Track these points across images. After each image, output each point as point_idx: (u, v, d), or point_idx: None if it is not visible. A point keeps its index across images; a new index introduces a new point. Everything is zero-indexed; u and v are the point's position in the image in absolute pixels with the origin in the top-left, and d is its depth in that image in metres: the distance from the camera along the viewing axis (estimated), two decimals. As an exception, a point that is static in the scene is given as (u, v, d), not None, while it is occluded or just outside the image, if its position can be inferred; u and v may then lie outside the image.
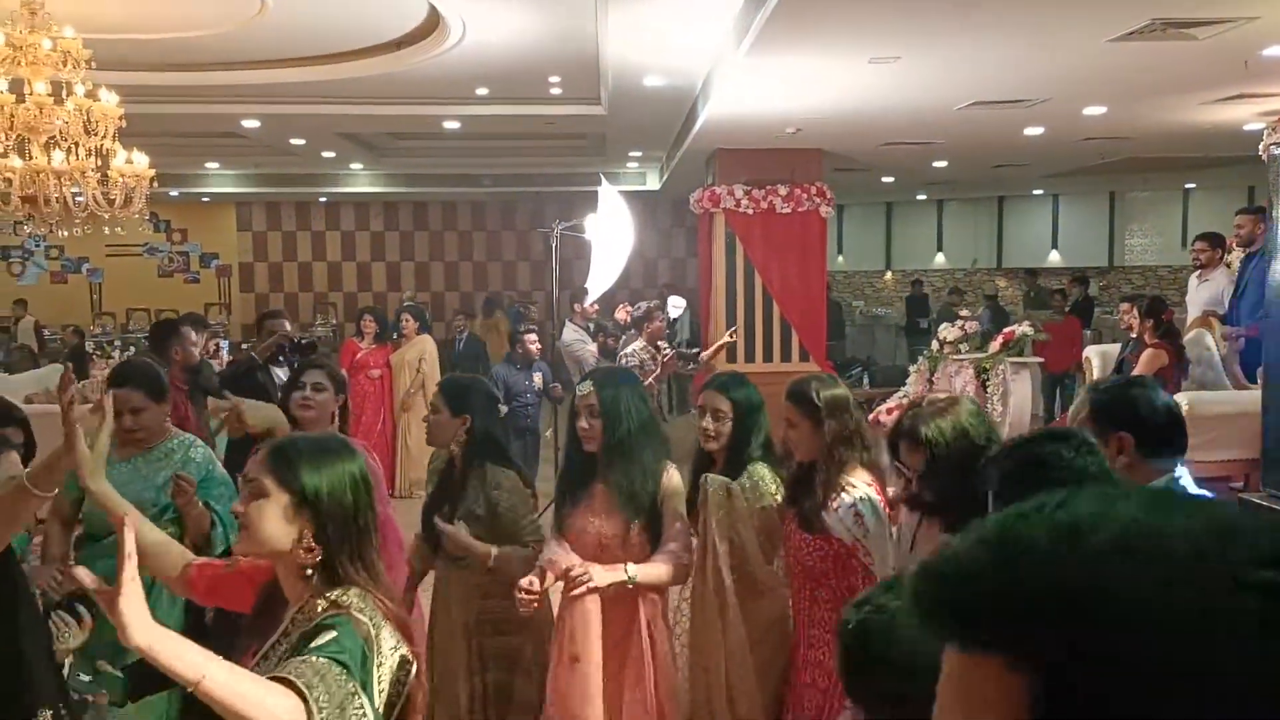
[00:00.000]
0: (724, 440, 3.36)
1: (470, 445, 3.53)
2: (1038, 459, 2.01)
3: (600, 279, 6.87)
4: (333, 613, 1.80)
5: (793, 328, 9.85)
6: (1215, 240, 7.69)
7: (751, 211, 9.70)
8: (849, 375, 10.72)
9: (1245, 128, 8.44)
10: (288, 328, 6.53)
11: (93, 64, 5.98)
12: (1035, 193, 16.50)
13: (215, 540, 3.24)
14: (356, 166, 14.80)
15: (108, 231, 6.96)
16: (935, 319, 13.56)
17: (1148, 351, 6.72)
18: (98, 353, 11.75)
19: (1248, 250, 7.22)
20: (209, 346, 7.33)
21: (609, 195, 6.71)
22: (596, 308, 9.26)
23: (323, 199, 17.53)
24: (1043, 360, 8.31)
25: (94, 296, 17.87)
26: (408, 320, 9.32)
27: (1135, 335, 7.05)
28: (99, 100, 6.10)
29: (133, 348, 11.27)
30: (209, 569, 2.34)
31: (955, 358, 7.90)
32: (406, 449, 9.11)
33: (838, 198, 10.23)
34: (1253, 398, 6.25)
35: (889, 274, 18.53)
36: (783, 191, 9.68)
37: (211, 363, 6.80)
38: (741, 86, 6.87)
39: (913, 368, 8.67)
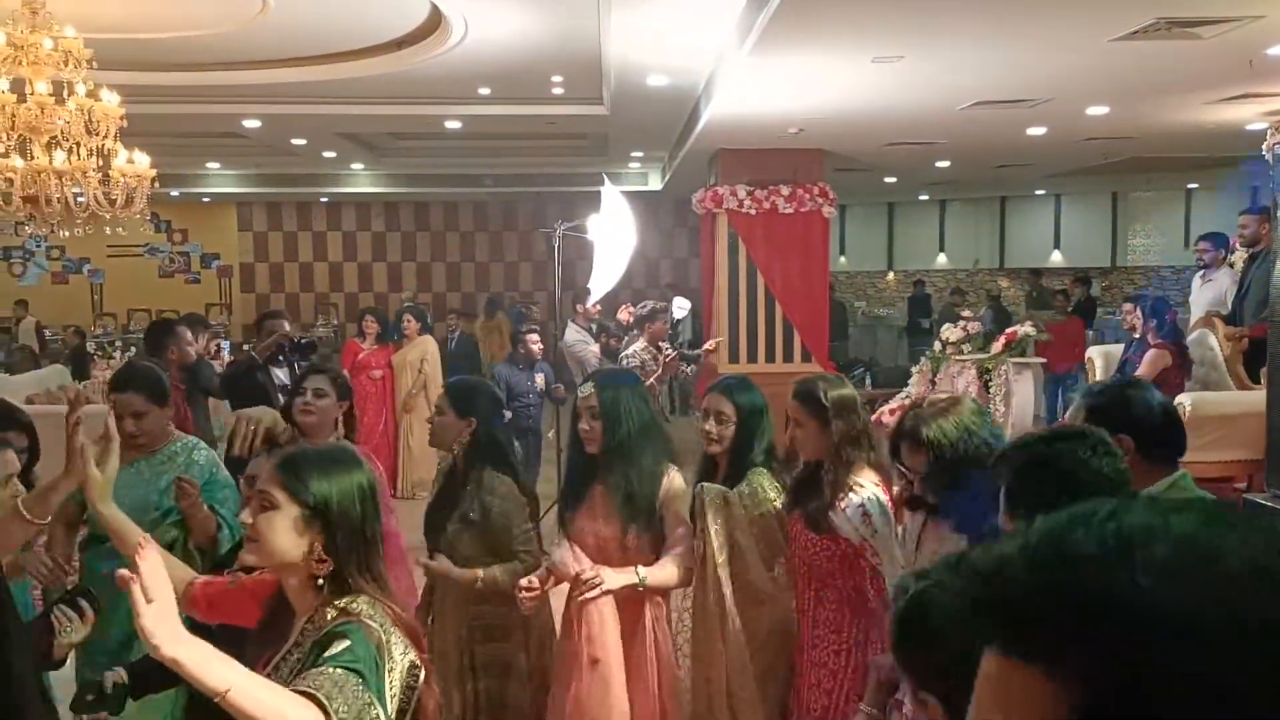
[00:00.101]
0: (726, 444, 3.33)
1: (472, 448, 3.51)
2: (1051, 458, 1.97)
3: (603, 279, 6.84)
4: (343, 620, 1.81)
5: (795, 328, 9.84)
6: (1219, 240, 7.69)
7: (754, 212, 9.69)
8: (851, 376, 10.69)
9: (1248, 127, 8.43)
10: (287, 328, 6.52)
11: (94, 64, 5.97)
12: (1038, 193, 16.47)
13: (221, 542, 3.22)
14: (358, 166, 14.79)
15: (109, 232, 6.95)
16: (937, 319, 13.54)
17: (1151, 352, 6.72)
18: (99, 353, 11.76)
19: (1252, 250, 7.21)
20: (210, 347, 7.32)
21: (611, 195, 6.68)
22: (599, 308, 9.24)
23: (324, 199, 17.52)
24: (1045, 361, 8.30)
25: (95, 297, 17.86)
26: (409, 321, 9.32)
27: (1138, 335, 7.04)
28: (100, 100, 6.08)
29: (133, 348, 11.27)
30: (211, 587, 2.33)
31: (957, 358, 7.89)
32: (408, 450, 9.10)
33: (840, 198, 10.21)
34: (1256, 398, 6.24)
35: (891, 274, 18.51)
36: (785, 192, 9.67)
37: (212, 363, 6.79)
38: (744, 86, 6.86)
39: (915, 368, 8.66)
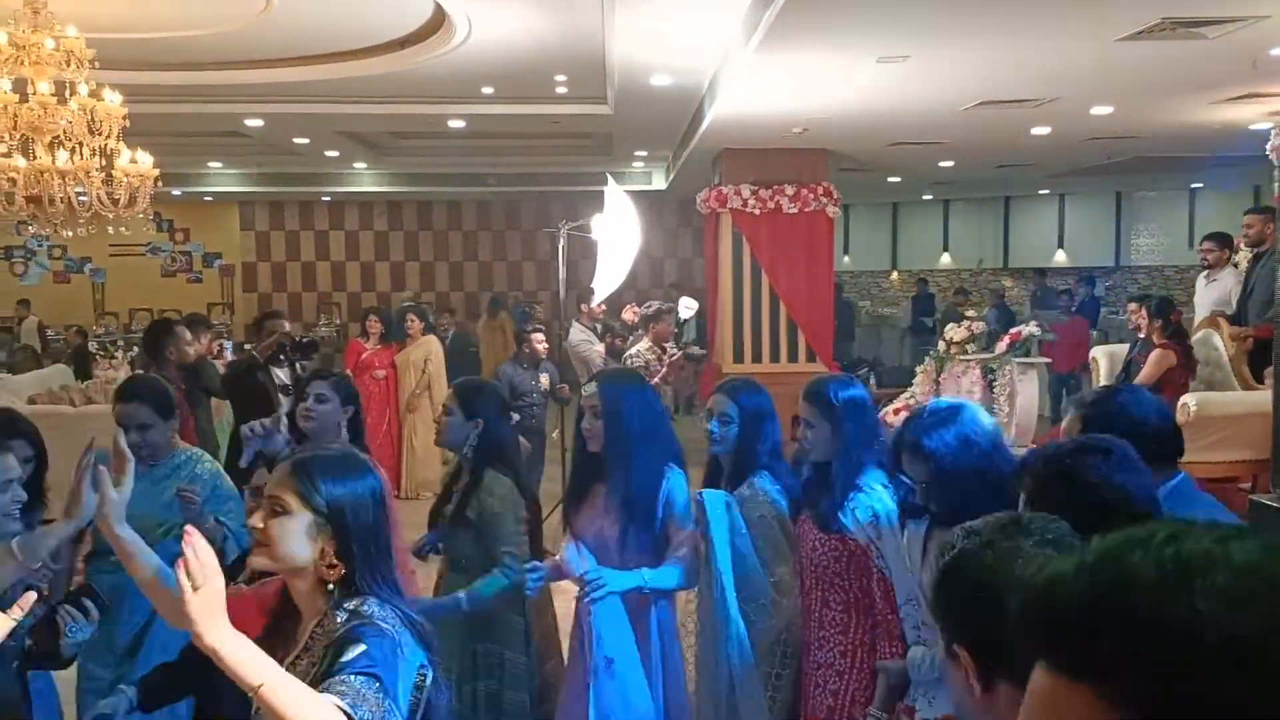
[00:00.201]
0: (729, 445, 3.31)
1: (478, 449, 3.51)
2: (1076, 471, 1.91)
3: (607, 279, 6.82)
4: (355, 623, 1.81)
5: (799, 328, 9.82)
6: (1223, 240, 7.68)
7: (758, 211, 9.68)
8: (855, 376, 10.69)
9: (1252, 127, 8.42)
10: (287, 327, 6.53)
11: (96, 63, 5.96)
12: (1041, 192, 16.44)
13: (227, 553, 3.19)
14: (360, 166, 14.78)
15: (111, 231, 6.94)
16: (941, 319, 13.53)
17: (1156, 352, 6.71)
18: (101, 353, 11.78)
19: (1256, 250, 7.20)
20: (212, 347, 7.32)
21: (616, 194, 6.67)
22: (604, 308, 9.24)
23: (326, 198, 17.50)
24: (1050, 360, 8.30)
25: (97, 296, 17.84)
26: (413, 321, 9.32)
27: (1143, 335, 7.04)
28: (103, 100, 6.07)
29: (135, 348, 11.26)
30: None
31: (962, 358, 7.88)
32: (412, 450, 9.10)
33: (844, 198, 10.21)
34: (1261, 399, 6.23)
35: (895, 274, 18.49)
36: (789, 191, 9.67)
37: (214, 363, 6.79)
38: (749, 86, 6.85)
39: (919, 368, 8.64)
